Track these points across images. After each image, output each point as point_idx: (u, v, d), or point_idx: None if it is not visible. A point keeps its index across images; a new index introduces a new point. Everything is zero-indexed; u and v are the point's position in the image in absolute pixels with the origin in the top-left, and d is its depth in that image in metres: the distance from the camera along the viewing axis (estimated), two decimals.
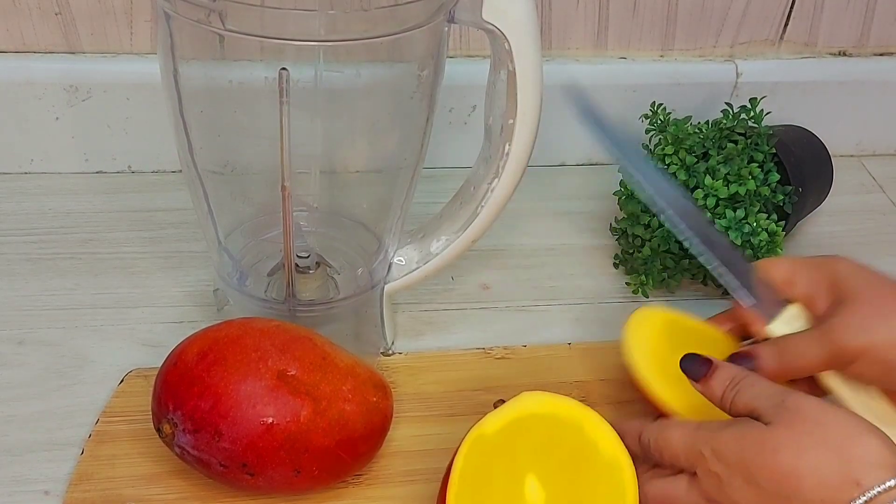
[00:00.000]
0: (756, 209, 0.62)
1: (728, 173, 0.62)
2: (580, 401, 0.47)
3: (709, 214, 0.62)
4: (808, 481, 0.39)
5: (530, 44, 0.48)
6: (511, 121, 0.50)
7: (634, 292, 0.65)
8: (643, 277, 0.65)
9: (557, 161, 0.77)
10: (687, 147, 0.64)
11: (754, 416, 0.42)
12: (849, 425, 0.40)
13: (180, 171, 0.53)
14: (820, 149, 0.71)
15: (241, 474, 0.46)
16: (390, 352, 0.59)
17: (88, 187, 0.70)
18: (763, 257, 0.61)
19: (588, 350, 0.59)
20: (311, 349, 0.48)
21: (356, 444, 0.47)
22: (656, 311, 0.54)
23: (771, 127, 0.66)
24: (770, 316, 0.51)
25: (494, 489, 0.44)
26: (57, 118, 0.69)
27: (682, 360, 0.47)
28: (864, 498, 0.38)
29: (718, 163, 0.63)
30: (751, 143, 0.64)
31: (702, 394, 0.46)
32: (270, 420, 0.45)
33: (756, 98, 0.67)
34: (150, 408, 0.47)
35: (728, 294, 0.66)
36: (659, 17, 0.73)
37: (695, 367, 0.46)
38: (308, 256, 0.55)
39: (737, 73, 0.75)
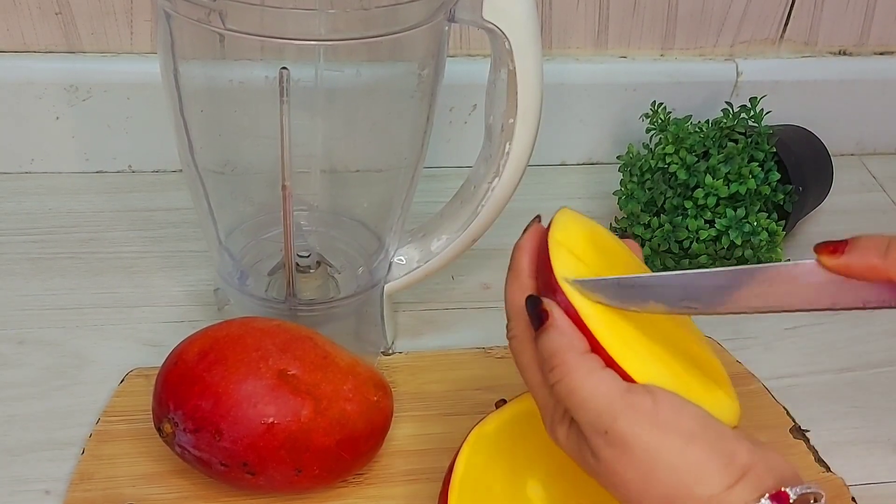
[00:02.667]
0: (756, 208, 0.62)
1: (728, 172, 0.62)
2: None
3: (709, 214, 0.62)
4: None
5: (531, 43, 0.48)
6: (511, 120, 0.50)
7: None
8: None
9: (558, 160, 0.77)
10: (687, 146, 0.64)
11: (582, 431, 0.36)
12: (683, 467, 0.34)
13: (180, 170, 0.53)
14: (820, 148, 0.71)
15: (241, 474, 0.46)
16: (391, 351, 0.59)
17: (89, 187, 0.70)
18: (763, 256, 0.61)
19: None
20: (311, 349, 0.48)
21: (357, 444, 0.47)
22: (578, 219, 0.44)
23: (771, 126, 0.66)
24: None
25: (496, 489, 0.44)
26: (57, 118, 0.69)
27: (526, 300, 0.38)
28: None
29: (719, 162, 0.63)
30: (751, 143, 0.64)
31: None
32: (271, 419, 0.45)
33: (756, 97, 0.67)
34: (150, 407, 0.47)
35: None
36: (659, 16, 0.73)
37: (534, 311, 0.37)
38: (308, 256, 0.55)
39: (737, 73, 0.75)
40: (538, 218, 0.42)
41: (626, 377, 0.36)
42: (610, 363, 0.36)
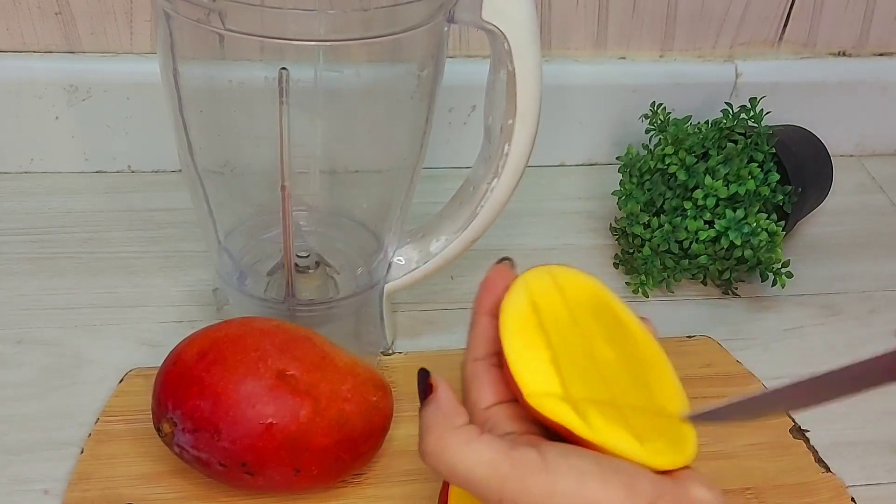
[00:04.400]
0: (756, 209, 0.62)
1: (728, 173, 0.62)
2: None
3: (708, 214, 0.62)
4: None
5: (530, 44, 0.48)
6: (511, 121, 0.50)
7: (634, 292, 0.65)
8: (643, 277, 0.65)
9: (557, 161, 0.77)
10: (687, 147, 0.64)
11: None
12: None
13: (180, 170, 0.53)
14: (820, 149, 0.71)
15: (240, 474, 0.46)
16: (390, 351, 0.59)
17: (88, 187, 0.70)
18: (763, 257, 0.61)
19: None
20: (310, 349, 0.48)
21: (356, 444, 0.47)
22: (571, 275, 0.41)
23: (771, 127, 0.66)
24: None
25: None
26: (57, 118, 0.69)
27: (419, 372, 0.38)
28: None
29: (718, 163, 0.63)
30: (751, 143, 0.64)
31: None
32: (270, 420, 0.45)
33: (756, 98, 0.67)
34: (149, 407, 0.47)
35: (728, 293, 0.66)
36: (659, 17, 0.73)
37: (422, 385, 0.37)
38: (308, 256, 0.55)
39: (736, 74, 0.75)
40: (507, 260, 0.41)
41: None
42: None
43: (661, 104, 0.68)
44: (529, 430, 0.36)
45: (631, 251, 0.66)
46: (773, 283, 0.63)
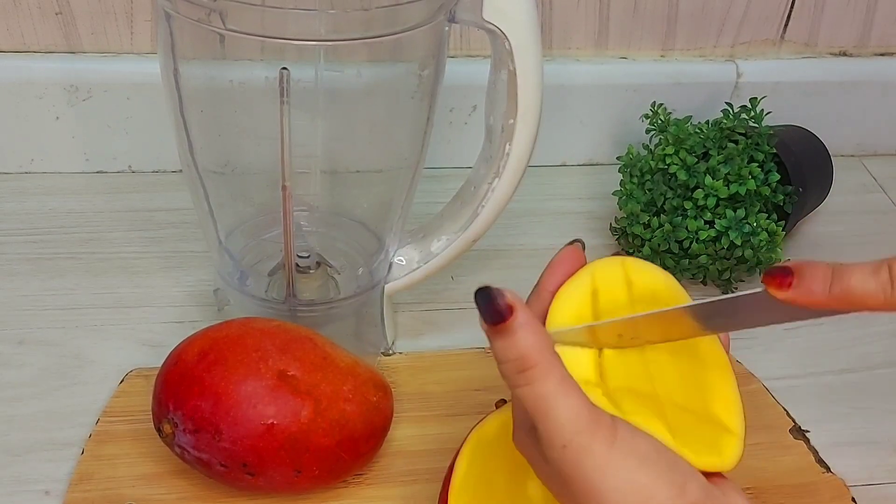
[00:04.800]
0: (756, 209, 0.62)
1: (728, 173, 0.62)
2: None
3: (709, 214, 0.62)
4: None
5: (531, 44, 0.48)
6: (511, 121, 0.50)
7: None
8: None
9: (558, 161, 0.77)
10: (687, 147, 0.64)
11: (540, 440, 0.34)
12: (630, 490, 0.33)
13: (180, 170, 0.53)
14: (820, 149, 0.71)
15: (241, 474, 0.46)
16: (391, 352, 0.59)
17: (89, 187, 0.70)
18: (763, 257, 0.61)
19: None
20: (311, 349, 0.48)
21: (357, 444, 0.47)
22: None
23: (771, 127, 0.66)
24: None
25: (496, 489, 0.44)
26: (57, 118, 0.69)
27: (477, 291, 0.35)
28: None
29: (719, 163, 0.63)
30: (751, 143, 0.64)
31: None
32: (271, 420, 0.45)
33: (756, 98, 0.67)
34: (150, 408, 0.47)
35: (728, 293, 0.66)
36: (659, 16, 0.73)
37: (488, 306, 0.34)
38: (308, 256, 0.55)
39: (737, 73, 0.75)
40: (579, 241, 0.41)
41: None
42: None
43: (661, 104, 0.68)
44: None
45: (631, 251, 0.66)
46: None
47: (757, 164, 0.62)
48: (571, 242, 0.41)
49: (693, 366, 0.39)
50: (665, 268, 0.64)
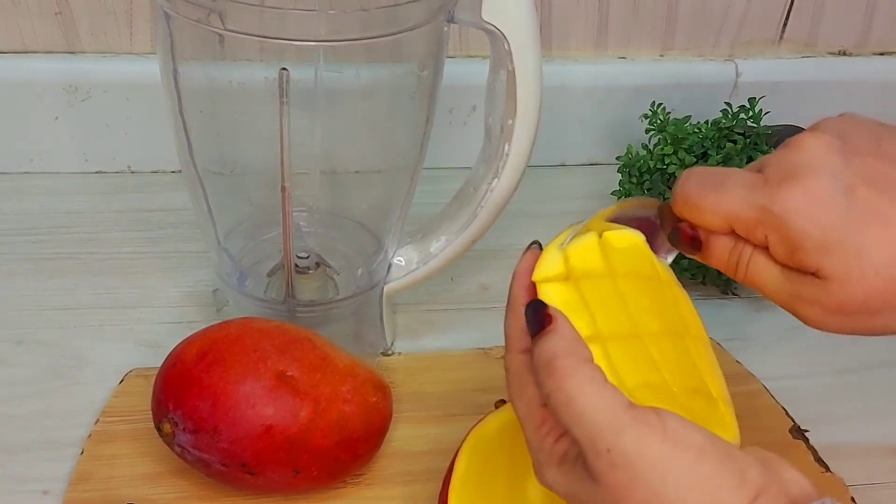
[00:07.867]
0: None
1: None
2: None
3: None
4: None
5: (530, 44, 0.48)
6: (511, 121, 0.50)
7: None
8: None
9: (557, 161, 0.77)
10: (686, 147, 0.64)
11: (582, 452, 0.33)
12: (696, 485, 0.31)
13: (180, 171, 0.53)
14: None
15: (240, 474, 0.46)
16: (390, 352, 0.59)
17: (88, 187, 0.70)
18: None
19: None
20: (310, 350, 0.48)
21: (356, 445, 0.47)
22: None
23: (770, 127, 0.66)
24: None
25: (495, 490, 0.44)
26: (57, 118, 0.69)
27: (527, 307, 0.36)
28: None
29: (718, 162, 0.63)
30: (750, 143, 0.64)
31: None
32: (270, 420, 0.45)
33: (755, 98, 0.67)
34: (149, 408, 0.47)
35: (728, 293, 0.66)
36: (659, 16, 0.73)
37: (534, 317, 0.35)
38: (308, 257, 0.55)
39: (736, 73, 0.75)
40: (536, 243, 0.41)
41: None
42: None
43: (660, 104, 0.68)
44: None
45: None
46: None
47: None
48: (529, 246, 0.41)
49: (677, 328, 0.39)
50: None
